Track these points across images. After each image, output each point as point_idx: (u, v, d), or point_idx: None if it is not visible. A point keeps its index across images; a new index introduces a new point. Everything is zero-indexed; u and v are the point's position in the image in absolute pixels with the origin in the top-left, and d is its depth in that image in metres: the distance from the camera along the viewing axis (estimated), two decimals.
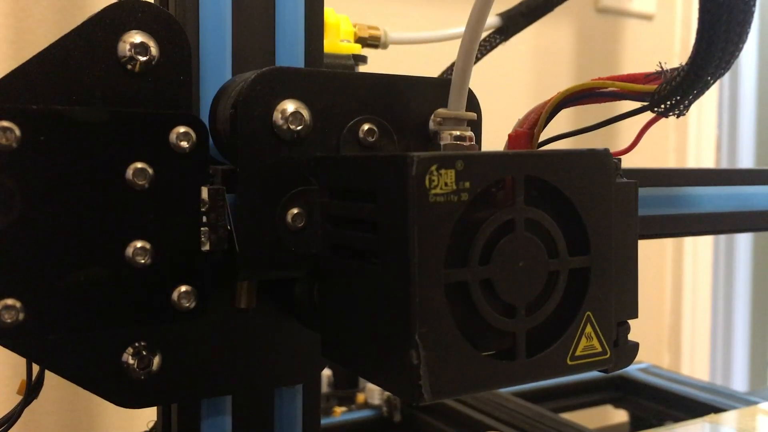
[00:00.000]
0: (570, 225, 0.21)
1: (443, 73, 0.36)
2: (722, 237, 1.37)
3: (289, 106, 0.24)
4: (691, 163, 1.09)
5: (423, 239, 0.18)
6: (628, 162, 0.23)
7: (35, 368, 0.26)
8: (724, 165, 1.28)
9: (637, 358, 0.23)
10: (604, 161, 0.21)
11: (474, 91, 0.27)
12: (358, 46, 0.46)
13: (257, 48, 0.29)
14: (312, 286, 0.25)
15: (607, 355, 0.21)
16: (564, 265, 0.20)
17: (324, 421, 0.58)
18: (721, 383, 1.36)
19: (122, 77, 0.24)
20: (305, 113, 0.25)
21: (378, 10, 0.80)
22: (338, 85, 0.25)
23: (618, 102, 0.24)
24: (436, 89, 0.27)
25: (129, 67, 0.24)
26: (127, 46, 0.24)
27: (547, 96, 0.24)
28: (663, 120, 0.24)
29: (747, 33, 0.20)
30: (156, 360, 0.25)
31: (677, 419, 0.62)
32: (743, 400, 0.63)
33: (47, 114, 0.23)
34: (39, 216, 0.23)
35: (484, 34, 0.36)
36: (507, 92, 0.94)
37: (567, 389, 0.68)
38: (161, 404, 0.29)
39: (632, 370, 0.72)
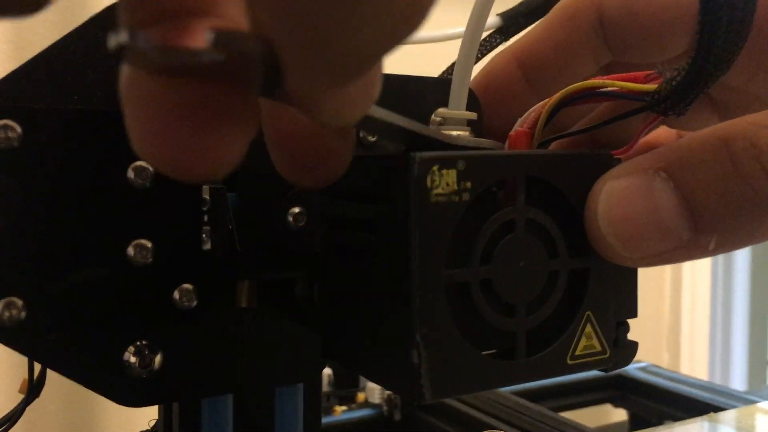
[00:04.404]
0: (570, 225, 0.21)
1: (444, 72, 0.36)
2: None
3: None
4: None
5: (424, 239, 0.18)
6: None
7: (37, 367, 0.26)
8: None
9: (637, 357, 0.23)
10: (604, 162, 0.21)
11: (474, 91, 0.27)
12: None
13: None
14: (312, 286, 0.25)
15: (607, 355, 0.22)
16: (564, 265, 0.21)
17: (324, 420, 0.58)
18: (720, 382, 1.36)
19: None
20: None
21: None
22: None
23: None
24: (436, 89, 0.27)
25: None
26: None
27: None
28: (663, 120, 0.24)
29: (747, 32, 0.20)
30: (157, 359, 0.25)
31: (676, 418, 0.62)
32: (742, 399, 0.63)
33: (49, 113, 0.23)
34: (40, 215, 0.23)
35: (484, 34, 0.36)
36: None
37: (567, 388, 0.68)
38: (162, 403, 0.29)
39: (632, 369, 0.72)
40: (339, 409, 0.60)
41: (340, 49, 0.12)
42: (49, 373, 0.25)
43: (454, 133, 0.24)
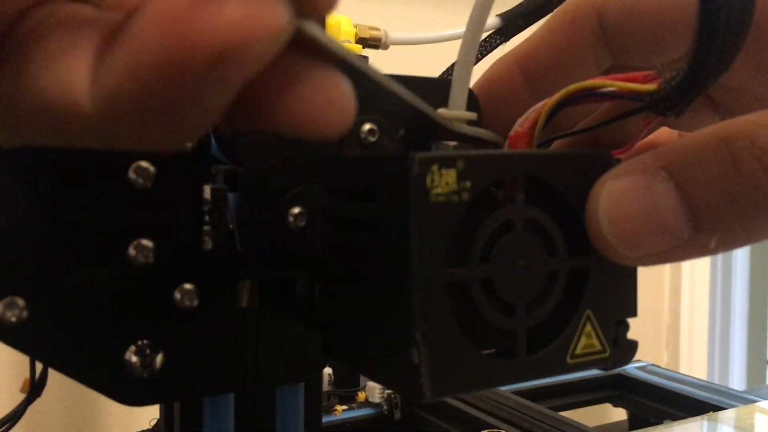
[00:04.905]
0: (570, 225, 0.21)
1: (444, 73, 0.36)
2: None
3: None
4: None
5: (424, 239, 0.18)
6: None
7: (38, 367, 0.26)
8: None
9: (636, 356, 0.23)
10: (604, 162, 0.21)
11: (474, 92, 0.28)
12: (359, 46, 0.46)
13: None
14: (313, 286, 0.25)
15: (607, 354, 0.22)
16: (563, 264, 0.21)
17: (325, 419, 0.58)
18: (719, 382, 1.36)
19: None
20: None
21: (378, 11, 0.80)
22: None
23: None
24: (436, 89, 0.27)
25: None
26: None
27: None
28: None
29: (746, 33, 0.20)
30: (158, 358, 0.25)
31: (676, 418, 0.62)
32: (741, 399, 0.63)
33: None
34: (42, 215, 0.23)
35: (484, 35, 0.36)
36: None
37: (566, 388, 0.68)
38: (164, 402, 0.29)
39: (631, 368, 0.72)
40: (339, 408, 0.60)
41: None
42: (51, 372, 0.25)
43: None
